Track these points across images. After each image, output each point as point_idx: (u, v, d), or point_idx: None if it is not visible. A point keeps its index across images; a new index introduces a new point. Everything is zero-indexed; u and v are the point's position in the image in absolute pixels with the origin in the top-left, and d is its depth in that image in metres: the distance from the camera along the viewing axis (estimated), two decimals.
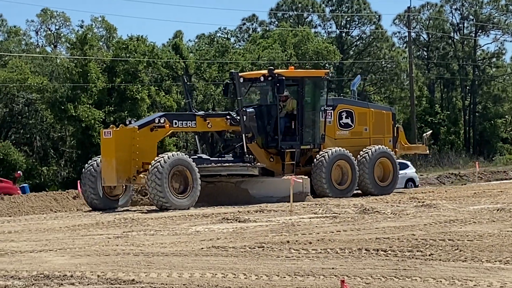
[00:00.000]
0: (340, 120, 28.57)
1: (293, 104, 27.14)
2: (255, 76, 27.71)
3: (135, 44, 50.92)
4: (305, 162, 27.57)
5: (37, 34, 62.16)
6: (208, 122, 25.67)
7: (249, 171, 25.78)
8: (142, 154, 23.96)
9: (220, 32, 63.35)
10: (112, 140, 23.89)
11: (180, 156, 23.96)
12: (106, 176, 23.86)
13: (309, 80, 27.53)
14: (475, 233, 15.51)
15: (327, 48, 59.08)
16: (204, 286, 10.64)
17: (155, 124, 24.46)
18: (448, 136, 67.74)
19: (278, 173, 26.68)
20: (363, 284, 10.72)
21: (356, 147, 28.16)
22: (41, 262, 13.26)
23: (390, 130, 29.59)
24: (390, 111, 30.24)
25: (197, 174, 23.78)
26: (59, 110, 48.14)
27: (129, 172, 23.90)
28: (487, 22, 70.51)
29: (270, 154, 26.84)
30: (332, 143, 27.95)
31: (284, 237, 15.71)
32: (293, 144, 26.88)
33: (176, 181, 23.61)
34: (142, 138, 24.04)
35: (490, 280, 10.81)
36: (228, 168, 25.52)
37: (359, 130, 28.89)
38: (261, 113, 26.71)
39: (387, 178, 28.41)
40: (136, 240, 16.28)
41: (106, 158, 23.95)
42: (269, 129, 26.71)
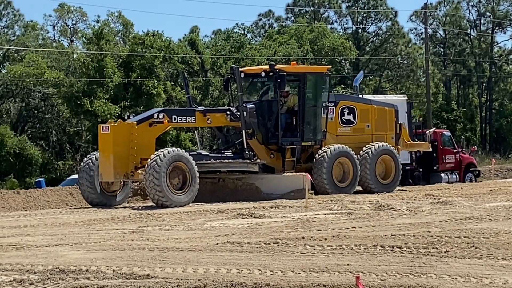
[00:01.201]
0: (342, 116, 28.17)
1: (294, 100, 26.77)
2: (256, 71, 27.31)
3: (151, 39, 51.02)
4: (306, 159, 27.18)
5: (54, 29, 62.46)
6: (208, 117, 25.23)
7: (249, 168, 25.40)
8: (140, 149, 23.61)
9: (237, 28, 63.42)
10: (110, 135, 23.56)
11: (178, 152, 23.52)
12: (104, 172, 23.55)
13: (311, 76, 27.06)
14: (491, 230, 15.45)
15: (343, 44, 59.01)
16: (219, 282, 10.64)
17: (153, 119, 24.08)
18: (464, 133, 67.50)
19: (278, 169, 26.31)
20: (378, 280, 10.70)
21: (358, 144, 27.76)
22: (56, 257, 13.30)
23: (392, 127, 29.15)
24: (393, 108, 29.75)
25: (195, 171, 23.42)
26: (75, 105, 48.31)
27: (127, 167, 23.55)
28: (504, 19, 70.20)
29: (270, 151, 26.41)
30: (333, 139, 27.59)
31: (299, 233, 15.69)
32: (294, 141, 26.48)
33: (175, 177, 23.26)
34: (141, 133, 23.71)
35: (506, 278, 10.77)
36: (227, 164, 25.10)
37: (361, 127, 28.48)
38: (262, 109, 26.32)
39: (389, 176, 28.00)
40: (152, 235, 16.30)
41: (104, 154, 23.62)
42: (269, 125, 26.31)
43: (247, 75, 26.99)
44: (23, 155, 47.49)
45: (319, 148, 26.90)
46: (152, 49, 50.41)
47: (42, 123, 52.33)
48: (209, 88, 53.89)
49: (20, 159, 47.53)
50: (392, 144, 28.61)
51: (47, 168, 48.87)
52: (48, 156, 50.19)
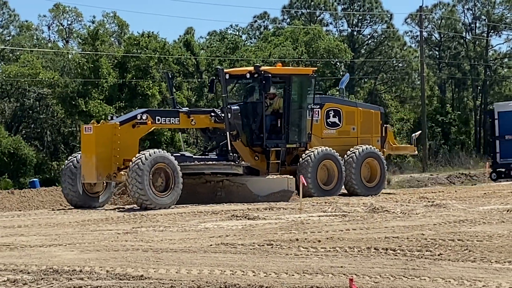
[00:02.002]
0: (327, 119, 27.98)
1: (280, 102, 26.56)
2: (241, 73, 27.07)
3: (146, 40, 51.00)
4: (291, 161, 26.95)
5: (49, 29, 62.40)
6: (192, 119, 24.98)
7: (233, 170, 25.15)
8: (123, 150, 23.37)
9: (231, 29, 63.45)
10: (93, 136, 23.33)
11: (161, 153, 23.26)
12: (86, 173, 23.30)
13: (296, 77, 26.83)
14: (484, 233, 15.48)
15: (338, 47, 59.06)
16: (212, 283, 10.64)
17: (137, 120, 23.82)
18: (458, 136, 67.65)
19: (263, 172, 26.11)
20: (371, 283, 10.71)
21: (343, 147, 27.60)
22: (50, 257, 13.29)
23: (378, 130, 29.00)
24: (379, 111, 29.60)
25: (179, 172, 23.17)
26: (70, 105, 48.28)
27: (109, 169, 23.31)
28: (499, 22, 70.34)
29: (255, 153, 26.19)
30: (318, 142, 27.42)
31: (293, 235, 15.70)
32: (278, 143, 26.26)
33: (158, 179, 23.00)
34: (124, 134, 23.47)
35: (499, 281, 10.79)
36: (211, 166, 24.90)
37: (347, 130, 28.32)
38: (247, 111, 26.11)
39: (374, 179, 27.84)
40: (145, 236, 16.30)
41: (86, 155, 23.37)
42: (254, 127, 26.09)
43: (232, 77, 26.79)
44: (17, 155, 47.44)
45: (304, 150, 26.70)
46: (147, 50, 50.41)
47: (37, 123, 52.28)
48: (204, 89, 53.88)
49: (15, 159, 47.47)
50: (377, 147, 28.46)
51: (42, 168, 48.82)
52: (42, 156, 50.14)
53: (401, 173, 48.87)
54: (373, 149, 27.95)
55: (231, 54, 55.18)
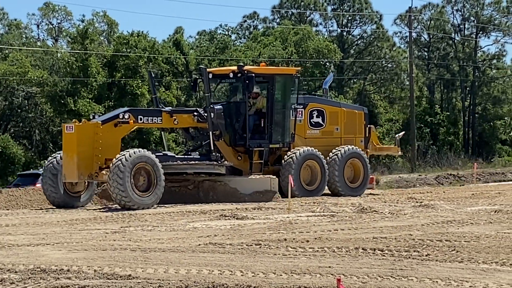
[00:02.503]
0: (311, 119, 28.00)
1: (263, 102, 26.51)
2: (225, 72, 27.01)
3: (136, 40, 50.92)
4: (274, 161, 26.93)
5: (38, 27, 62.20)
6: (175, 118, 24.95)
7: (215, 170, 25.09)
8: (105, 150, 23.29)
9: (221, 28, 63.43)
10: (74, 135, 23.23)
11: (143, 153, 23.13)
12: (67, 172, 23.21)
13: (280, 77, 26.78)
14: (472, 234, 15.53)
15: (327, 47, 59.08)
16: (200, 283, 10.64)
17: (119, 119, 23.77)
18: (447, 137, 67.75)
19: (246, 172, 26.04)
20: (359, 283, 10.73)
21: (327, 147, 27.61)
22: (38, 256, 13.27)
23: (361, 130, 29.03)
24: (362, 111, 29.58)
25: (161, 172, 23.07)
26: (59, 104, 48.15)
27: (91, 168, 23.22)
28: (488, 23, 70.49)
29: (238, 153, 26.15)
30: (302, 142, 27.39)
31: (282, 235, 15.72)
32: (261, 143, 26.22)
33: (139, 179, 22.91)
34: (106, 133, 23.40)
35: (486, 282, 10.82)
36: (193, 166, 24.81)
37: (330, 130, 28.34)
38: (230, 110, 26.04)
39: (358, 179, 27.87)
40: (134, 235, 16.29)
41: (68, 154, 23.27)
42: (237, 126, 26.03)
43: (215, 76, 26.74)
44: (5, 154, 47.28)
45: (287, 150, 26.68)
46: (137, 49, 50.32)
47: (25, 122, 52.11)
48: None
49: (3, 158, 47.31)
50: (361, 148, 28.47)
51: (30, 167, 48.66)
52: (31, 155, 49.98)
53: (389, 173, 48.91)
54: (356, 150, 27.93)
55: (220, 54, 55.16)
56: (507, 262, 12.38)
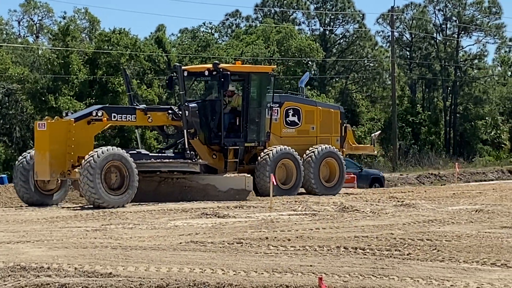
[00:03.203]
0: (286, 117, 27.76)
1: (238, 100, 26.31)
2: (200, 70, 26.76)
3: (117, 37, 50.78)
4: (249, 160, 26.74)
5: (19, 24, 61.93)
6: (149, 116, 24.69)
7: (189, 168, 24.87)
8: (78, 147, 22.99)
9: (204, 27, 63.37)
10: (46, 132, 22.96)
11: (115, 151, 22.86)
12: (39, 170, 22.93)
13: (255, 75, 26.59)
14: (453, 233, 15.57)
15: (310, 46, 59.14)
16: (181, 281, 10.60)
17: (92, 117, 23.48)
18: (428, 137, 67.99)
19: (221, 170, 25.89)
20: (340, 282, 10.72)
21: (303, 146, 27.46)
22: (18, 254, 13.19)
23: (337, 129, 28.85)
24: (339, 110, 29.42)
25: (134, 170, 22.82)
26: (40, 101, 47.96)
27: (63, 166, 22.93)
28: (470, 23, 70.79)
29: (213, 151, 25.96)
30: (277, 141, 27.21)
31: (263, 234, 15.70)
32: (236, 141, 26.04)
33: (112, 177, 22.66)
34: (79, 131, 23.11)
35: (467, 281, 10.84)
36: (167, 164, 24.59)
37: (306, 129, 28.14)
38: (205, 108, 25.83)
39: (333, 179, 27.74)
40: (114, 233, 16.22)
41: (40, 151, 23.02)
42: (212, 125, 25.83)
43: (190, 74, 26.53)
44: None
45: (263, 149, 26.54)
46: (119, 47, 50.19)
47: (6, 119, 51.83)
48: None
49: None
50: (337, 147, 28.34)
51: (10, 164, 48.39)
52: (11, 152, 49.74)
53: None
54: (332, 149, 27.84)
55: (202, 52, 55.08)
56: (488, 261, 12.42)
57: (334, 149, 27.97)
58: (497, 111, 72.26)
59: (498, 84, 74.22)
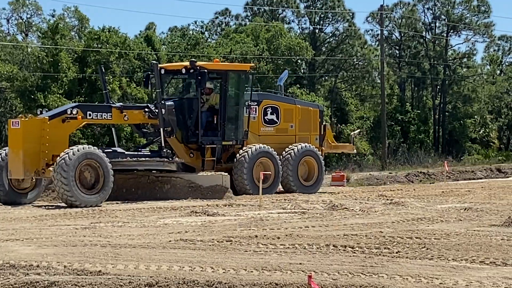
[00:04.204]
0: (265, 116, 27.72)
1: (216, 98, 26.26)
2: (177, 68, 26.73)
3: (107, 35, 50.66)
4: (227, 159, 26.73)
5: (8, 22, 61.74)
6: (125, 114, 24.58)
7: (165, 167, 24.76)
8: (53, 146, 22.87)
9: (194, 25, 63.33)
10: (20, 130, 22.84)
11: (90, 149, 22.76)
12: (13, 169, 22.81)
13: (233, 73, 26.55)
14: (442, 231, 15.61)
15: (299, 44, 59.17)
16: (171, 279, 10.60)
17: (67, 115, 23.38)
18: (417, 135, 68.08)
19: (198, 169, 25.76)
20: (330, 280, 10.74)
21: (281, 145, 27.43)
22: (7, 252, 13.16)
23: (317, 128, 28.85)
24: (318, 108, 29.40)
25: (109, 169, 22.68)
26: (29, 99, 47.81)
27: (37, 164, 22.82)
28: (458, 22, 70.93)
29: (190, 150, 25.91)
30: (256, 139, 27.18)
31: (252, 232, 15.72)
32: (214, 140, 26.01)
33: (86, 176, 22.54)
34: (53, 129, 23.00)
35: (456, 279, 10.88)
36: (143, 163, 24.48)
37: (285, 127, 28.12)
38: (182, 107, 25.76)
39: (312, 177, 27.77)
40: (104, 231, 16.21)
41: (13, 150, 22.89)
42: (190, 123, 25.77)
43: (167, 72, 26.47)
44: None
45: (241, 148, 26.49)
46: (108, 45, 50.09)
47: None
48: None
49: None
50: (316, 145, 28.32)
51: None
52: None
53: (360, 171, 49.07)
54: (311, 147, 27.79)
55: (192, 50, 55.04)
56: (477, 259, 12.46)
57: (313, 148, 27.89)
58: (486, 109, 72.42)
59: (487, 82, 74.39)
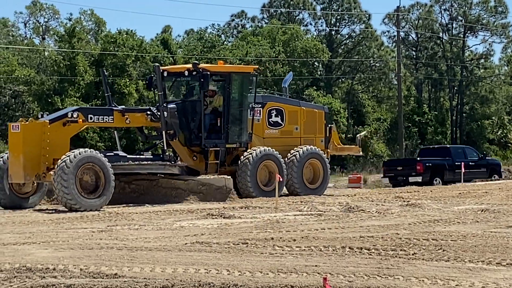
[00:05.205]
0: (269, 118, 27.52)
1: (220, 101, 26.03)
2: (180, 70, 26.55)
3: (123, 38, 50.86)
4: (231, 162, 26.48)
5: (26, 26, 62.06)
6: (127, 117, 24.34)
7: (167, 170, 24.57)
8: (53, 150, 22.69)
9: (211, 28, 63.44)
10: (20, 134, 22.68)
11: (90, 153, 22.49)
12: (13, 173, 22.67)
13: (237, 75, 26.31)
14: (458, 233, 15.54)
15: (316, 46, 59.15)
16: (186, 281, 10.61)
17: (68, 118, 23.19)
18: (435, 136, 67.92)
19: (202, 172, 25.51)
20: (345, 282, 10.72)
21: (286, 147, 27.19)
22: (24, 255, 13.21)
23: (322, 130, 28.59)
24: (323, 110, 29.13)
25: (110, 173, 22.47)
26: (46, 103, 48.06)
27: (38, 168, 22.64)
28: (476, 23, 70.71)
29: (193, 153, 25.66)
30: (260, 142, 26.96)
31: (268, 234, 15.70)
32: (217, 143, 25.76)
33: (87, 180, 22.35)
34: (54, 133, 22.85)
35: (472, 280, 10.83)
36: (144, 166, 24.32)
37: (289, 129, 27.89)
38: (185, 109, 25.58)
39: (317, 180, 27.49)
40: (120, 234, 16.24)
41: (14, 154, 22.73)
42: (193, 126, 25.57)
43: (170, 74, 26.29)
44: None
45: (245, 150, 26.26)
46: (124, 48, 50.25)
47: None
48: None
49: None
50: (321, 148, 28.06)
51: None
52: None
53: (377, 172, 48.96)
54: (316, 150, 27.53)
55: (208, 52, 55.11)
56: (493, 261, 12.40)
57: (318, 150, 27.63)
58: (504, 110, 72.18)
59: (504, 83, 74.14)
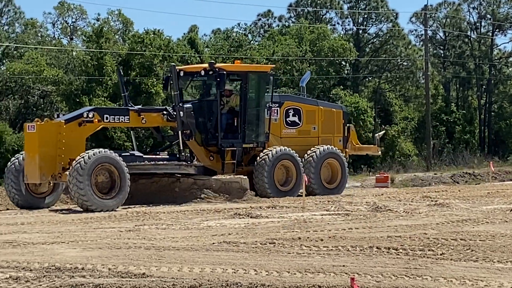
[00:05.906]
0: (286, 118, 27.33)
1: (237, 100, 25.94)
2: (196, 70, 26.46)
3: (150, 38, 50.99)
4: (249, 162, 26.35)
5: (54, 26, 62.44)
6: (143, 117, 24.30)
7: (183, 170, 24.52)
8: (69, 150, 22.66)
9: (237, 27, 63.48)
10: (36, 134, 22.75)
11: (106, 153, 22.45)
12: (29, 173, 22.68)
13: (253, 75, 26.17)
14: (487, 233, 15.46)
15: (343, 46, 59.02)
16: (214, 281, 10.64)
17: (83, 118, 23.21)
18: (463, 135, 67.51)
19: (218, 172, 25.38)
20: (373, 282, 10.70)
21: (304, 147, 27.00)
22: (52, 254, 13.30)
23: (340, 130, 28.34)
24: (341, 110, 28.91)
25: (125, 173, 22.44)
26: (74, 103, 48.26)
27: (54, 169, 22.66)
28: (504, 21, 70.21)
29: (210, 152, 25.52)
30: (277, 142, 26.80)
31: (296, 234, 15.70)
32: (234, 142, 25.63)
33: (102, 180, 22.34)
34: (69, 133, 22.86)
35: (501, 281, 10.77)
36: (160, 166, 24.20)
37: (307, 129, 27.68)
38: (201, 109, 25.47)
39: (335, 180, 27.32)
40: (148, 233, 16.31)
41: (29, 154, 22.79)
42: (209, 125, 25.48)
43: (186, 74, 26.18)
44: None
45: (262, 150, 26.13)
46: (152, 48, 50.39)
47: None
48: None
49: None
50: (339, 147, 27.88)
51: None
52: None
53: (405, 172, 48.79)
54: (334, 149, 27.37)
55: (235, 52, 55.16)
56: None
57: (336, 150, 27.48)
58: None
59: None
